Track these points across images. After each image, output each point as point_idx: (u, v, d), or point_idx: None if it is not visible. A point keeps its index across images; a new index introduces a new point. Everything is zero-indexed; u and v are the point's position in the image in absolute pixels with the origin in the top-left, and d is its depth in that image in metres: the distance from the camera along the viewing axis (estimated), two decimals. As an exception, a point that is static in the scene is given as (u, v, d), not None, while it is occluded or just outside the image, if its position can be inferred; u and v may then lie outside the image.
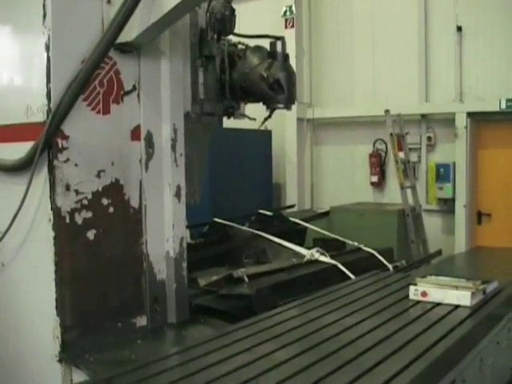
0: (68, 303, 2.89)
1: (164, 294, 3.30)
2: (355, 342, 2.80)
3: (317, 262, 4.94)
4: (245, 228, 5.77)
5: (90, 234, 2.94)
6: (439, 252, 6.26)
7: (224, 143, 7.00)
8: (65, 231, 2.86)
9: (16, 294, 3.16)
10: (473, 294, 3.39)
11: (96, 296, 2.99)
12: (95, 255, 2.97)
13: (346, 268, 4.61)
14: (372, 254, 5.31)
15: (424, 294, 3.47)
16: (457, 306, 3.36)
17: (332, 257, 4.92)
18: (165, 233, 3.29)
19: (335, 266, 4.77)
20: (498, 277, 3.99)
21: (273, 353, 2.64)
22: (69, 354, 2.91)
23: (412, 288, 3.50)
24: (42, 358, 3.00)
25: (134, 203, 3.15)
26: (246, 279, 4.32)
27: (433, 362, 2.61)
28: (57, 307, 2.88)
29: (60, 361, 2.92)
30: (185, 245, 3.39)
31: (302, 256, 5.04)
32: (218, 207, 6.52)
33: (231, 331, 3.01)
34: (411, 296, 3.50)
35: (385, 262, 5.14)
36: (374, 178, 8.18)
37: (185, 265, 3.41)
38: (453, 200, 7.53)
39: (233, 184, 7.61)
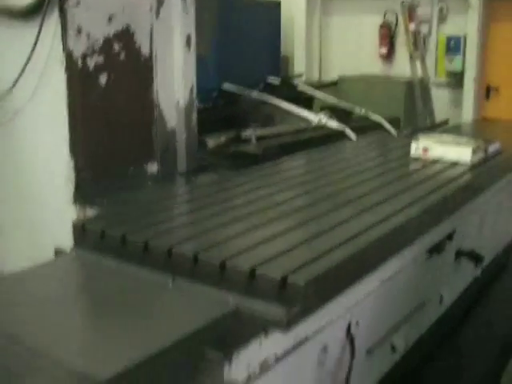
0: (81, 146, 2.97)
1: (174, 143, 3.38)
2: (353, 189, 2.92)
3: (324, 127, 5.05)
4: (253, 94, 5.82)
5: (102, 79, 2.97)
6: (446, 122, 6.33)
7: (233, 13, 6.90)
8: (77, 75, 2.89)
9: (30, 140, 3.24)
10: (473, 151, 3.48)
11: (108, 140, 3.07)
12: (107, 100, 3.02)
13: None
14: (379, 122, 5.40)
15: (425, 150, 3.55)
16: (457, 163, 3.46)
17: (339, 123, 5.01)
18: (175, 82, 3.32)
19: (342, 131, 4.86)
20: (502, 142, 4.07)
21: (271, 195, 2.77)
22: (82, 195, 3.02)
23: (414, 144, 3.59)
24: (57, 200, 3.11)
25: (145, 51, 3.16)
26: (254, 140, 4.43)
27: (429, 206, 2.73)
28: (70, 150, 2.97)
29: (74, 202, 3.03)
30: (195, 95, 3.44)
31: (310, 121, 5.14)
32: (226, 75, 6.50)
33: (234, 176, 3.14)
34: (413, 152, 3.59)
35: (391, 129, 5.24)
36: (383, 50, 8.08)
37: (195, 115, 3.48)
38: (462, 73, 7.49)
39: (241, 54, 7.54)
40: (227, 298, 1.92)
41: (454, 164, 3.42)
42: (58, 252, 2.49)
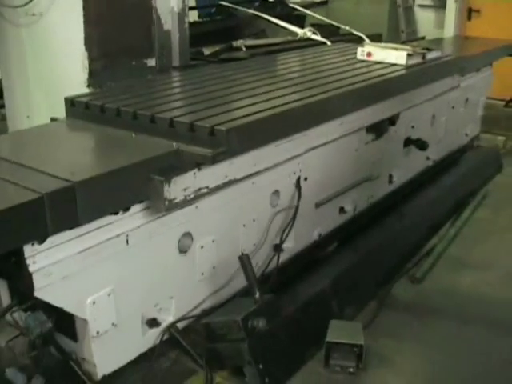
0: (94, 40, 3.76)
1: (169, 42, 4.17)
2: (301, 77, 3.65)
3: (310, 40, 5.78)
4: (249, 10, 6.56)
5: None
6: (422, 38, 7.01)
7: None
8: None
9: (53, 38, 3.97)
10: (409, 56, 4.02)
11: (115, 37, 3.85)
12: (115, 4, 3.79)
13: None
14: (361, 38, 6.08)
15: (369, 54, 4.10)
16: (394, 64, 4.01)
17: (324, 38, 5.69)
18: None
19: (324, 43, 5.60)
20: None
21: (242, 78, 3.57)
22: (94, 80, 3.82)
23: (360, 49, 4.15)
24: (74, 85, 3.81)
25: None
26: (244, 49, 5.24)
27: (354, 89, 3.44)
28: (85, 43, 3.75)
29: (88, 86, 3.84)
30: (187, 3, 4.22)
31: (297, 35, 5.89)
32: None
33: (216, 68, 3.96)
34: (358, 56, 4.15)
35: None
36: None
37: (187, 20, 4.26)
38: (445, -5, 8.06)
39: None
40: (172, 144, 2.53)
41: (392, 65, 4.03)
42: (53, 119, 3.07)
